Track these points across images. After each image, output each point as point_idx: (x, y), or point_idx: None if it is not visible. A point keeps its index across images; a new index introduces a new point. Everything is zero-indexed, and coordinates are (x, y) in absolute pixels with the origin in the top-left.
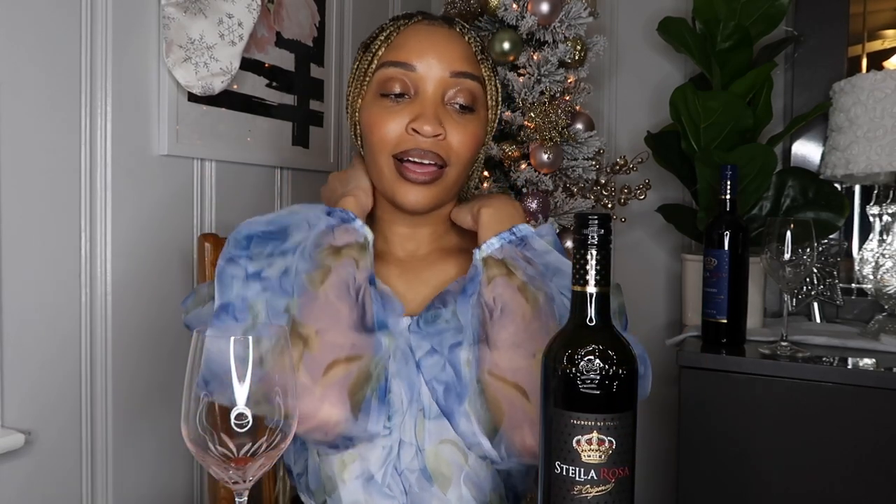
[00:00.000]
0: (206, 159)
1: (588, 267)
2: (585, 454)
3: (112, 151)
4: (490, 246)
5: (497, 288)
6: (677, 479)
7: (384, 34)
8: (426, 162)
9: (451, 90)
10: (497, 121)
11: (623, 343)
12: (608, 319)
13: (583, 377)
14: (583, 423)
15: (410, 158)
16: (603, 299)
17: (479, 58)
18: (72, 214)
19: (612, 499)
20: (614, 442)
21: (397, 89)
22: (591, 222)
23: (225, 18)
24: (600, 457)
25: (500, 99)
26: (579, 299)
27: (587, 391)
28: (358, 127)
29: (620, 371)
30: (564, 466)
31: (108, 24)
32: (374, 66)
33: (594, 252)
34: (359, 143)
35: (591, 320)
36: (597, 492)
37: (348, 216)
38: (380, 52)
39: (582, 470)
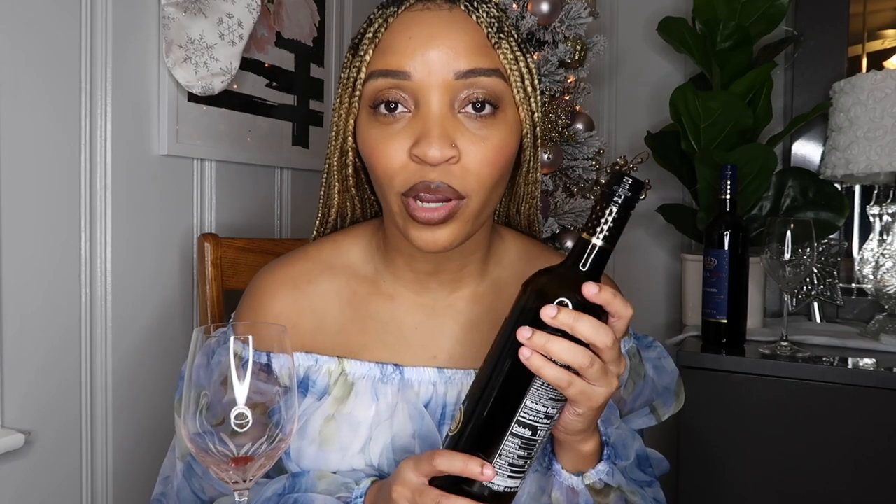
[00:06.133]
0: (206, 159)
1: (603, 221)
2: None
3: (112, 151)
4: (598, 473)
5: None
6: (677, 479)
7: (372, 29)
8: (437, 196)
9: (461, 94)
10: (539, 112)
11: (597, 309)
12: (598, 274)
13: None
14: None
15: (419, 194)
16: (603, 255)
17: (494, 42)
18: (72, 214)
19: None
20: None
21: (392, 105)
22: (624, 182)
23: (225, 18)
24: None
25: (534, 86)
26: (582, 245)
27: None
28: (351, 153)
29: None
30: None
31: (108, 24)
32: (362, 75)
33: (614, 210)
34: (349, 169)
35: (584, 266)
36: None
37: None
38: (367, 58)
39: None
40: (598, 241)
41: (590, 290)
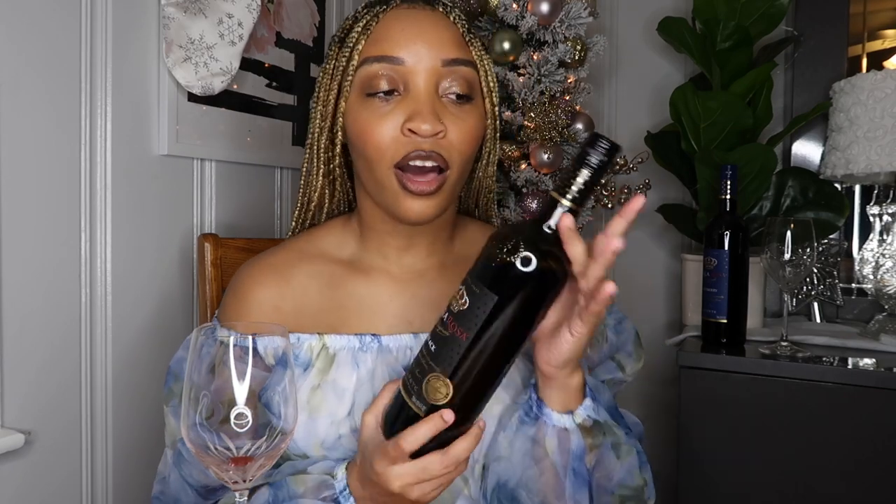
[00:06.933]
0: (205, 159)
1: (573, 183)
2: (453, 303)
3: (112, 151)
4: (586, 409)
5: (598, 453)
6: (677, 479)
7: (360, 24)
8: (428, 165)
9: (444, 81)
10: (498, 107)
11: (558, 266)
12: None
13: (508, 265)
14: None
15: (412, 164)
16: (570, 215)
17: (467, 39)
18: (72, 214)
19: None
20: (468, 301)
21: (385, 86)
22: (599, 145)
23: (225, 18)
24: (455, 307)
25: (495, 82)
26: (551, 205)
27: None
28: (340, 133)
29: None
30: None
31: (108, 24)
32: (354, 62)
33: (587, 173)
34: (337, 148)
35: (549, 228)
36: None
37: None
38: (359, 47)
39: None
40: (566, 202)
41: (565, 220)
